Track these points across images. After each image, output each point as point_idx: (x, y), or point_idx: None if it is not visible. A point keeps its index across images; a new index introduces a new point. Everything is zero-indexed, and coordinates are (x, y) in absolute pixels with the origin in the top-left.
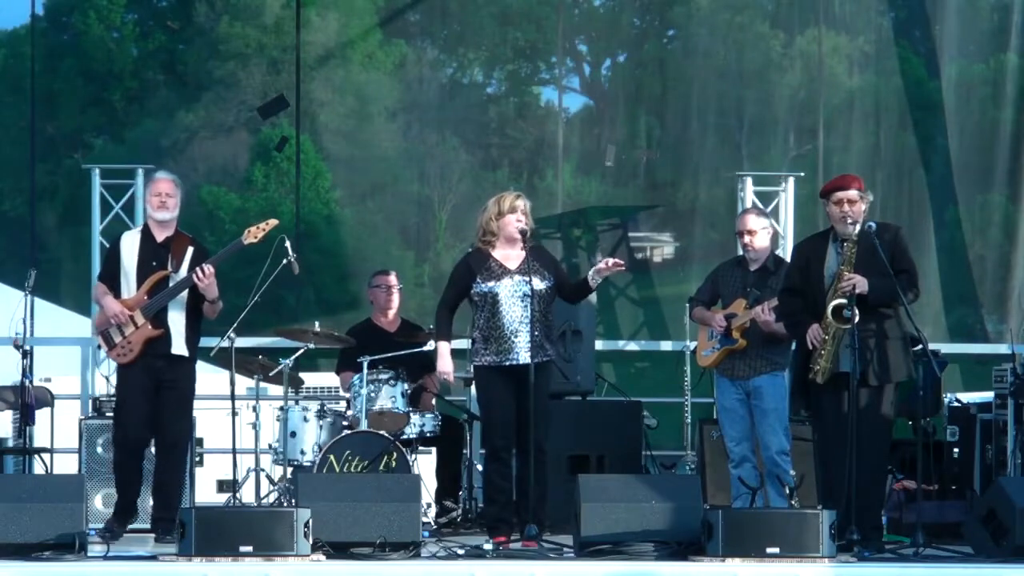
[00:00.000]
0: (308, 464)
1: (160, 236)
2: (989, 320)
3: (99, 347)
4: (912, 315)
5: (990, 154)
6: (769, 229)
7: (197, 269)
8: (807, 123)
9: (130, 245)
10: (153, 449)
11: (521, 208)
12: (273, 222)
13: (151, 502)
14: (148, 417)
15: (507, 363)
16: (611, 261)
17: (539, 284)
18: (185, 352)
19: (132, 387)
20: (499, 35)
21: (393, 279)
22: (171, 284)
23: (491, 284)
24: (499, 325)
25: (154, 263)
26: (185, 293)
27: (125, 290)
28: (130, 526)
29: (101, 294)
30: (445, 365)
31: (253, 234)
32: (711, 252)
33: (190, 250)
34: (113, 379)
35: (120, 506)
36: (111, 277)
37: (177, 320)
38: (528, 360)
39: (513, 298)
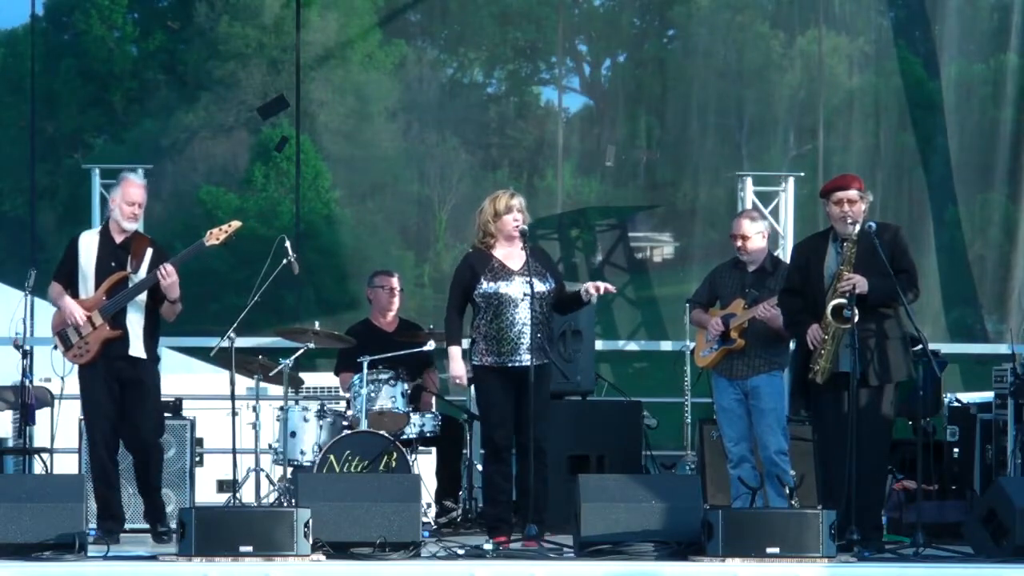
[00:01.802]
0: (308, 464)
1: (119, 237)
2: (989, 320)
3: (55, 347)
4: (912, 315)
5: (990, 154)
6: (764, 232)
7: (160, 268)
8: (807, 123)
9: (88, 245)
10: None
11: (517, 207)
12: (236, 224)
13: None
14: (117, 417)
15: (509, 364)
16: (604, 286)
17: (541, 286)
18: (143, 354)
19: (96, 387)
20: (499, 35)
21: (396, 281)
22: (130, 285)
23: (496, 285)
24: (502, 327)
25: (113, 264)
26: (144, 295)
27: (83, 291)
28: (130, 526)
29: (57, 295)
30: (457, 370)
31: (215, 235)
32: (711, 252)
33: (149, 251)
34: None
35: (108, 513)
36: (67, 276)
37: (135, 322)
38: (530, 361)
39: (517, 299)
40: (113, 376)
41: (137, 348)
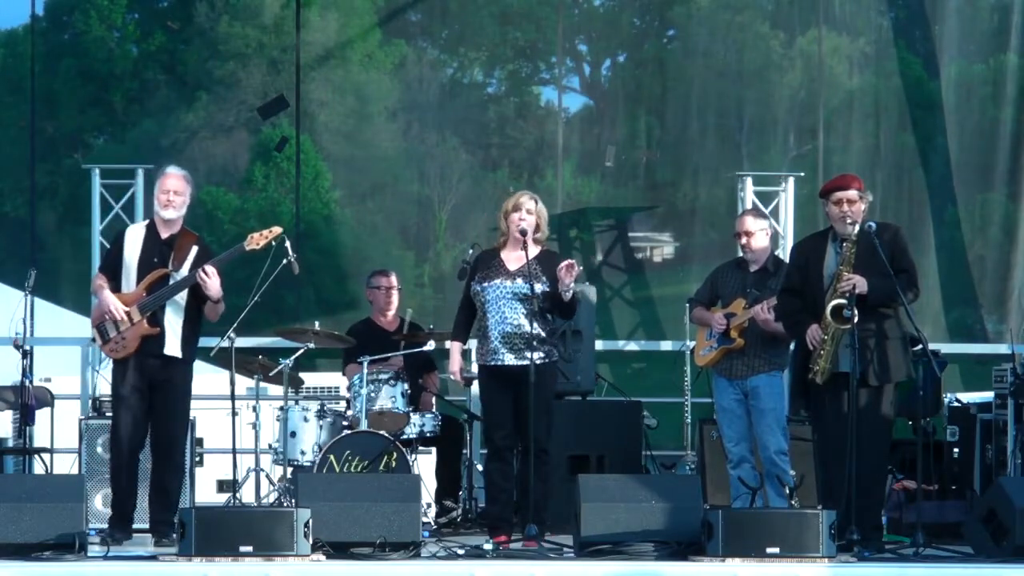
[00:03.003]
0: (308, 464)
1: (165, 233)
2: (989, 320)
3: (93, 340)
4: (912, 315)
5: (990, 154)
6: (767, 230)
7: (200, 270)
8: (807, 123)
9: (134, 239)
10: (150, 451)
11: (526, 207)
12: (277, 230)
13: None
14: (143, 415)
15: (492, 363)
16: (563, 265)
17: (539, 288)
18: (179, 353)
19: (126, 385)
20: (499, 35)
21: (391, 280)
22: (171, 283)
23: (484, 284)
24: (488, 325)
25: (155, 260)
26: (185, 294)
27: (124, 285)
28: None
29: (99, 286)
30: (452, 365)
31: (256, 241)
32: (711, 252)
33: (194, 249)
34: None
35: (119, 513)
36: (112, 269)
37: (174, 320)
38: (515, 361)
39: (503, 298)
40: (145, 374)
41: (173, 347)
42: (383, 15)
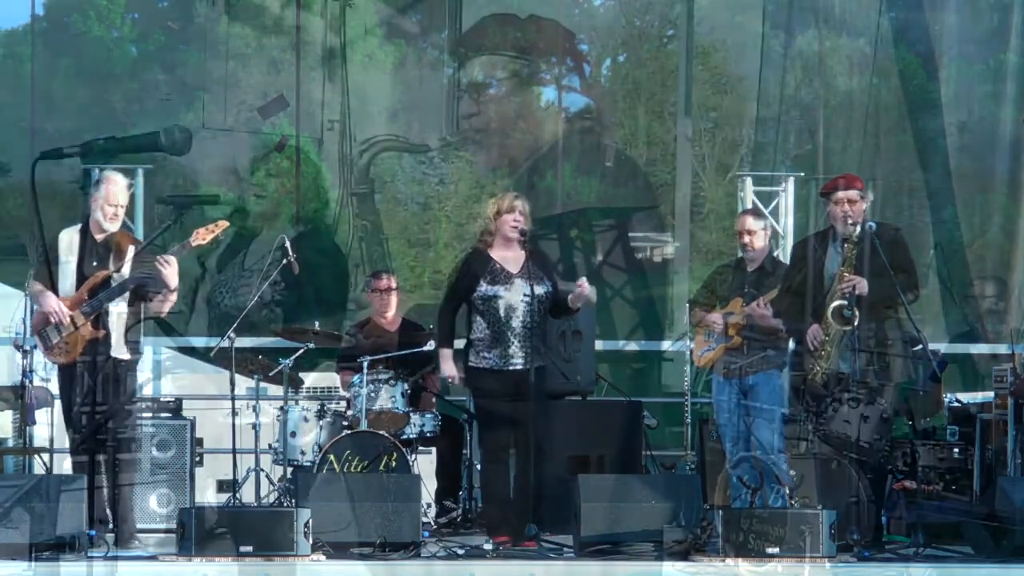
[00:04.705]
0: (308, 464)
1: (100, 235)
2: (989, 320)
3: (35, 347)
4: (912, 315)
5: (990, 154)
6: (767, 230)
7: (159, 258)
8: (807, 123)
9: (68, 244)
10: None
11: (519, 208)
12: (223, 224)
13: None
14: (94, 414)
15: (509, 367)
16: (581, 287)
17: (539, 289)
18: (126, 355)
19: (74, 388)
20: (499, 35)
21: (386, 282)
22: (113, 284)
23: (495, 288)
24: (500, 329)
25: (95, 263)
26: (127, 295)
27: (63, 290)
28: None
29: (39, 291)
30: (449, 370)
31: (202, 236)
32: (711, 252)
33: (131, 248)
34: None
35: (95, 515)
36: (49, 276)
37: (118, 322)
38: (523, 364)
39: (516, 303)
40: (92, 376)
41: (120, 349)
42: (383, 15)
